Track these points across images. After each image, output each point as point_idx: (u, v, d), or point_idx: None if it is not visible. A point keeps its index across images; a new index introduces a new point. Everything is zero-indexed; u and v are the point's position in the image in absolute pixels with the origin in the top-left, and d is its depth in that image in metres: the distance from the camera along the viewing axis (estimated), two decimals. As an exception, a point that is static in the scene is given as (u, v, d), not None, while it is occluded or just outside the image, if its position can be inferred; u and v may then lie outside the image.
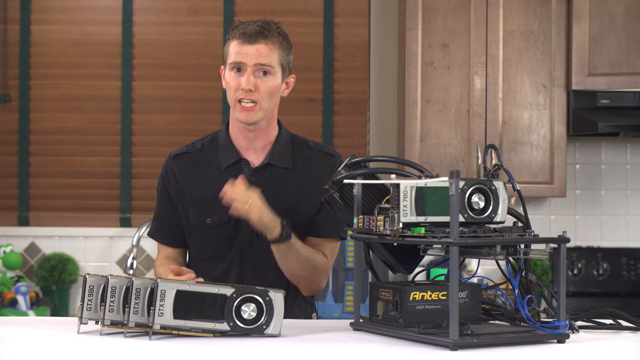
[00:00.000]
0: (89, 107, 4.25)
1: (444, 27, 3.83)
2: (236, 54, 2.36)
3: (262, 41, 2.35)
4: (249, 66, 2.34)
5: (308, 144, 2.52)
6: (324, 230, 2.47)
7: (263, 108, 2.38)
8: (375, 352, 1.79)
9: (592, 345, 1.88)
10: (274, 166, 2.44)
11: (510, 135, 3.84)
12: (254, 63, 2.34)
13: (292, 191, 2.44)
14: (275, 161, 2.45)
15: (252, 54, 2.34)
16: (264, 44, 2.35)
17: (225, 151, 2.46)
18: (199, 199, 2.45)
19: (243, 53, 2.35)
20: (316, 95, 4.25)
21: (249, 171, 2.44)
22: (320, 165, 2.47)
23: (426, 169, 1.93)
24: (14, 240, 4.19)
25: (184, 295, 1.85)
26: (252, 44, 2.34)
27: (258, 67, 2.35)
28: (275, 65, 2.37)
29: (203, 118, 4.23)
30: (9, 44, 4.24)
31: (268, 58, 2.35)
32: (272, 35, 2.36)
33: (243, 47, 2.35)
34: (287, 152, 2.47)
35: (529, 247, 1.89)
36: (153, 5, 4.28)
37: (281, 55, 2.38)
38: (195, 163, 2.49)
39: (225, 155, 2.46)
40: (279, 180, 2.44)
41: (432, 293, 1.92)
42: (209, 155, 2.49)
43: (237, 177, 2.39)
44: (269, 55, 2.35)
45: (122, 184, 4.24)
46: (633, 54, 3.78)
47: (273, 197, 2.40)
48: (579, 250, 4.15)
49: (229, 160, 2.45)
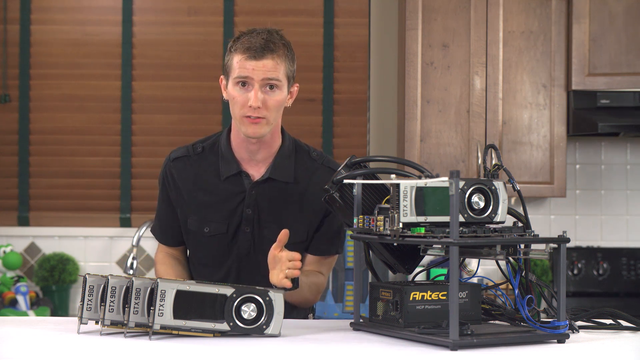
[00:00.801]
0: (89, 107, 4.25)
1: (444, 27, 3.83)
2: (241, 69, 2.28)
3: (269, 56, 2.28)
4: (256, 81, 2.28)
5: (311, 155, 2.46)
6: (323, 248, 2.45)
7: (270, 123, 2.33)
8: (375, 352, 1.79)
9: (592, 345, 1.88)
10: (275, 180, 2.40)
11: (510, 135, 3.84)
12: (262, 78, 2.28)
13: (293, 206, 2.41)
14: (277, 175, 2.40)
15: (259, 70, 2.27)
16: (270, 58, 2.28)
17: (226, 161, 2.41)
18: (198, 206, 2.42)
19: (249, 68, 2.27)
20: (316, 95, 4.25)
21: (249, 184, 2.39)
22: (323, 181, 2.41)
23: (426, 169, 1.93)
24: (14, 240, 4.19)
25: (184, 295, 1.85)
26: (259, 60, 2.27)
27: (265, 81, 2.28)
28: (282, 79, 2.31)
29: (203, 118, 4.23)
30: (9, 44, 4.24)
31: (275, 72, 2.28)
32: (277, 48, 2.29)
33: (248, 62, 2.27)
34: (290, 165, 2.42)
35: (529, 247, 1.89)
36: (153, 5, 4.28)
37: (287, 68, 2.32)
38: (195, 168, 2.44)
39: (225, 166, 2.41)
40: (280, 194, 2.40)
41: (432, 293, 1.92)
42: (209, 159, 2.44)
43: (236, 188, 2.39)
44: (275, 69, 2.28)
45: (122, 184, 4.24)
46: (633, 54, 3.78)
47: (273, 211, 2.38)
48: (579, 250, 4.15)
49: (229, 171, 2.40)
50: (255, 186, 2.40)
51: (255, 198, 2.38)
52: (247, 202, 2.39)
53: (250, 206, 2.39)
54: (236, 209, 2.39)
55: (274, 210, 2.39)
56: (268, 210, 2.38)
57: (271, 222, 2.38)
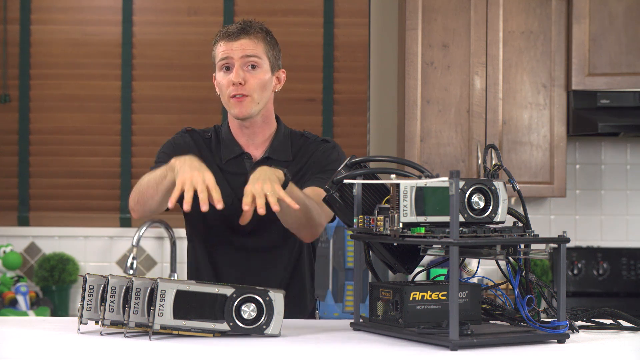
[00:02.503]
0: (89, 107, 4.26)
1: (444, 27, 3.83)
2: (222, 52, 2.41)
3: (245, 36, 2.40)
4: (236, 60, 2.39)
5: (305, 134, 2.55)
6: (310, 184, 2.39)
7: (255, 101, 2.40)
8: (375, 352, 1.79)
9: (592, 345, 1.88)
10: (274, 160, 2.46)
11: (510, 135, 3.84)
12: (240, 56, 2.39)
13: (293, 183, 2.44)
14: (275, 154, 2.47)
15: (237, 49, 2.39)
16: (247, 38, 2.40)
17: (227, 145, 2.49)
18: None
19: (228, 50, 2.39)
20: (316, 95, 4.25)
21: (250, 164, 2.45)
22: (315, 149, 2.49)
23: (426, 169, 1.93)
24: (14, 240, 4.19)
25: (184, 295, 1.85)
26: (236, 40, 2.39)
27: (245, 59, 2.39)
28: (262, 57, 2.41)
29: (203, 118, 4.23)
30: (9, 44, 4.24)
31: (253, 50, 2.40)
32: (254, 30, 2.42)
33: (228, 44, 2.40)
34: (286, 145, 2.49)
35: (529, 247, 1.89)
36: (153, 5, 4.28)
37: (266, 49, 2.42)
38: (203, 145, 2.51)
39: (227, 149, 2.48)
40: None
41: (432, 293, 1.92)
42: (212, 147, 2.51)
43: (238, 170, 2.42)
44: (254, 48, 2.40)
45: (122, 184, 4.24)
46: (633, 54, 3.78)
47: None
48: (579, 250, 4.15)
49: (230, 154, 2.47)
50: (256, 166, 2.42)
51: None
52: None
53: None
54: (238, 190, 2.41)
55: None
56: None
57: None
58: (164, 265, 4.19)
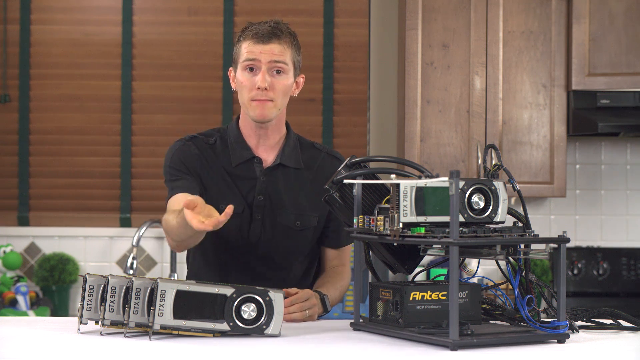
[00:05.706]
0: (89, 107, 4.25)
1: (444, 27, 3.83)
2: (249, 53, 2.36)
3: (275, 41, 2.36)
4: (264, 64, 2.35)
5: (315, 145, 2.53)
6: (341, 239, 2.52)
7: (277, 106, 2.39)
8: (375, 352, 1.79)
9: (592, 345, 1.88)
10: (286, 166, 2.45)
11: (510, 135, 3.84)
12: (269, 60, 2.35)
13: (304, 192, 2.45)
14: (287, 161, 2.45)
15: (267, 53, 2.35)
16: (277, 43, 2.36)
17: (237, 148, 2.44)
18: (217, 184, 2.42)
19: (257, 52, 2.35)
20: (316, 95, 4.25)
21: (261, 171, 2.43)
22: (329, 168, 2.46)
23: (426, 169, 1.93)
24: (14, 240, 4.19)
25: (184, 295, 1.85)
26: (266, 44, 2.35)
27: (272, 64, 2.36)
28: (288, 63, 2.38)
29: (203, 118, 4.23)
30: (9, 44, 4.24)
31: (282, 56, 2.37)
32: (284, 35, 2.38)
33: (256, 46, 2.36)
34: (296, 152, 2.48)
35: (529, 247, 1.89)
36: (153, 5, 4.28)
37: (293, 55, 2.40)
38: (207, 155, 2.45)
39: (237, 153, 2.44)
40: (291, 181, 2.45)
41: (432, 293, 1.92)
42: (219, 149, 2.45)
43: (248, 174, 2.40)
44: (282, 54, 2.37)
45: (122, 184, 4.24)
46: (633, 54, 3.78)
47: (284, 197, 2.41)
48: (579, 250, 4.15)
49: (241, 158, 2.43)
50: (266, 173, 2.43)
51: (266, 185, 2.41)
52: (259, 189, 2.42)
53: (261, 193, 2.42)
54: (247, 195, 2.40)
55: (285, 197, 2.42)
56: (279, 197, 2.41)
57: (283, 208, 2.41)
58: (164, 265, 4.19)
